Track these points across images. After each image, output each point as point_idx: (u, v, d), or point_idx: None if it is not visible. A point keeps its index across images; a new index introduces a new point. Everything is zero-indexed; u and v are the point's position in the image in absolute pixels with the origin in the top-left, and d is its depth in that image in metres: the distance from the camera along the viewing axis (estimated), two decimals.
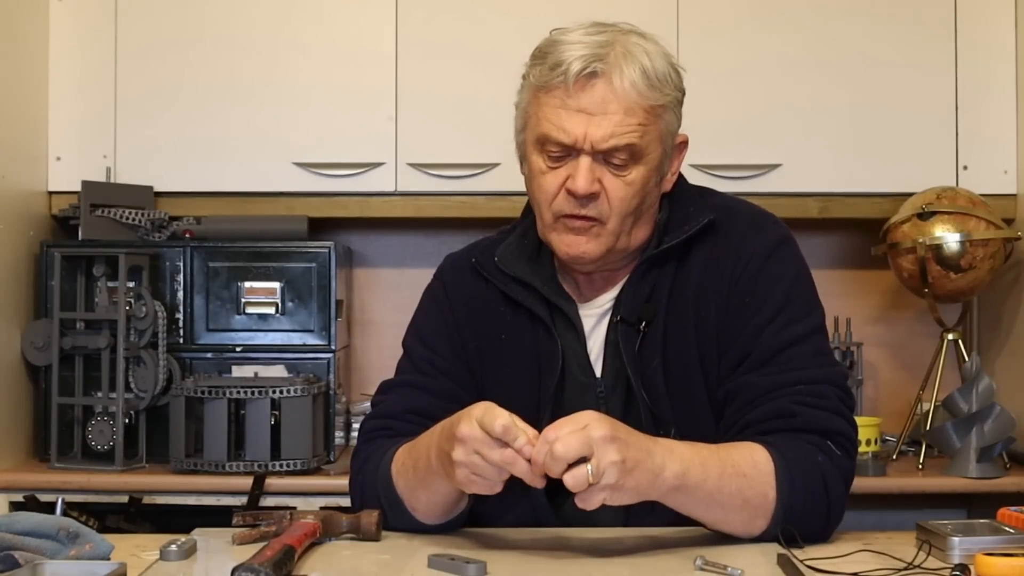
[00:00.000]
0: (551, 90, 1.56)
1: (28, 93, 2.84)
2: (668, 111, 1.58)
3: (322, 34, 2.91)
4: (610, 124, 1.53)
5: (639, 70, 1.54)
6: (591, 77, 1.53)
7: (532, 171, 1.61)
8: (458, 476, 1.40)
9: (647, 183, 1.58)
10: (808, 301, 1.61)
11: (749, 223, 1.64)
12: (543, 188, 1.59)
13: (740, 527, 1.48)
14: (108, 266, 2.76)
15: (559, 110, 1.55)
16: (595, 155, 1.55)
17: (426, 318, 1.74)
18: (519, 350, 1.65)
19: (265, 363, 2.79)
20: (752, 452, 1.48)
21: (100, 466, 2.66)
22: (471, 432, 1.37)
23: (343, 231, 3.16)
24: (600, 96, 1.54)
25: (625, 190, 1.56)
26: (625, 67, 1.54)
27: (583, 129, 1.53)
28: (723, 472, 1.44)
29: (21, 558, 1.27)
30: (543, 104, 1.57)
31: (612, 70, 1.53)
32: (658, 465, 1.40)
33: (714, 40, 2.89)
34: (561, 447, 1.32)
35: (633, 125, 1.54)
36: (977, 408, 2.62)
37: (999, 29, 2.89)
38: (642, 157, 1.56)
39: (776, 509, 1.46)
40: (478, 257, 1.71)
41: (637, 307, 1.61)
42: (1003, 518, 1.47)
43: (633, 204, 1.58)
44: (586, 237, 1.58)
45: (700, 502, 1.45)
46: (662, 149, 1.59)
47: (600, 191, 1.56)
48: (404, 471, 1.56)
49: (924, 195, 2.76)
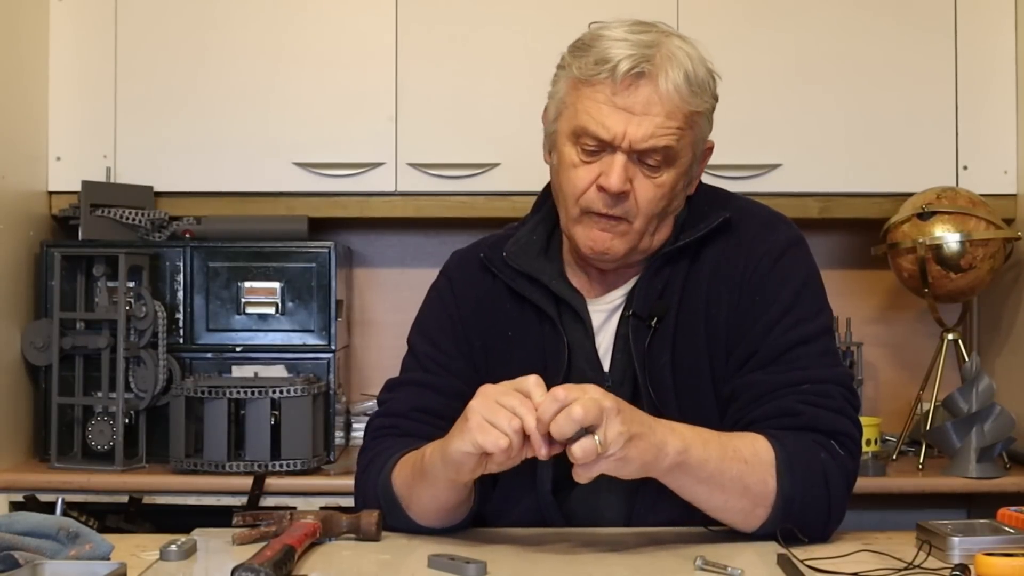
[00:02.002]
0: (595, 84, 1.56)
1: (28, 93, 2.84)
2: (703, 118, 1.60)
3: (322, 34, 2.91)
4: (651, 125, 1.54)
5: (683, 74, 1.55)
6: (638, 77, 1.54)
7: (563, 163, 1.61)
8: (471, 422, 1.38)
9: (676, 186, 1.59)
10: (817, 302, 1.62)
11: (762, 224, 1.65)
12: (573, 182, 1.59)
13: (740, 515, 1.48)
14: (108, 266, 2.76)
15: (602, 105, 1.55)
16: (630, 154, 1.55)
17: (432, 315, 1.74)
18: (525, 346, 1.65)
19: (265, 363, 2.79)
20: (753, 441, 1.49)
21: (100, 466, 2.66)
22: (492, 386, 1.40)
23: (343, 231, 3.16)
24: (645, 97, 1.54)
25: (654, 192, 1.57)
26: (670, 70, 1.55)
27: (623, 127, 1.54)
28: (724, 455, 1.45)
29: (21, 558, 1.27)
30: (584, 97, 1.57)
31: (659, 72, 1.54)
32: (660, 440, 1.40)
33: (714, 40, 2.83)
34: (580, 410, 1.33)
35: (672, 129, 1.55)
36: (977, 408, 2.62)
37: (999, 29, 2.89)
38: (675, 161, 1.57)
39: (776, 499, 1.46)
40: (486, 252, 1.71)
41: (649, 303, 1.61)
42: (1003, 518, 1.47)
43: (660, 206, 1.59)
44: (612, 235, 1.58)
45: (701, 483, 1.45)
46: (692, 154, 1.60)
47: (630, 191, 1.56)
48: (403, 470, 1.56)
49: (924, 195, 2.76)
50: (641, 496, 1.59)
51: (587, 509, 1.62)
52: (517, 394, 1.38)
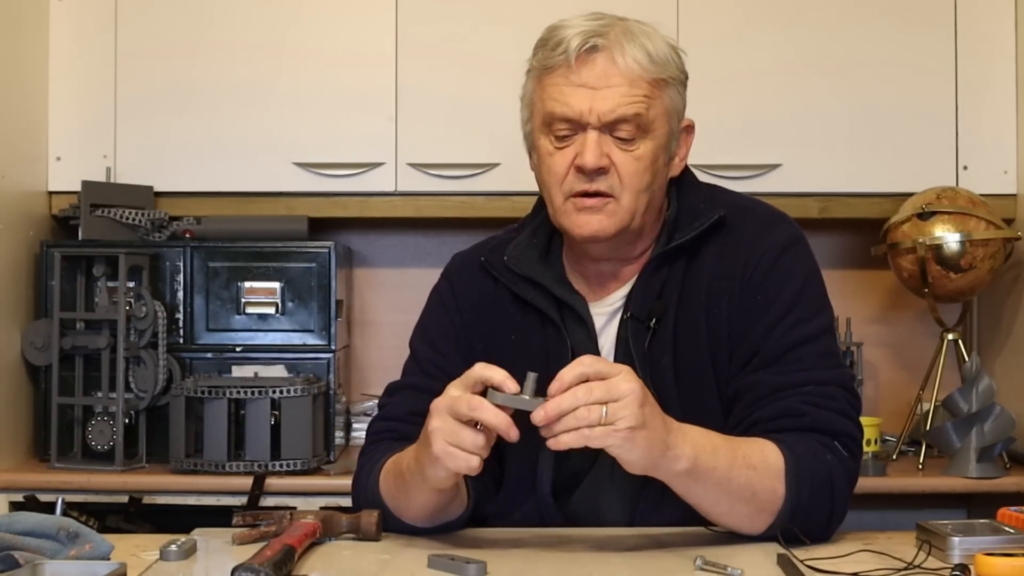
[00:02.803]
0: (553, 69, 1.57)
1: (28, 93, 2.84)
2: (671, 87, 1.59)
3: (322, 34, 2.91)
4: (615, 95, 1.54)
5: (639, 47, 1.56)
6: (591, 52, 1.55)
7: (540, 155, 1.61)
8: (435, 449, 1.38)
9: (656, 160, 1.58)
10: (818, 301, 1.61)
11: (761, 221, 1.64)
12: (552, 169, 1.59)
13: (746, 520, 1.48)
14: (108, 266, 2.76)
15: (562, 87, 1.56)
16: (601, 129, 1.55)
17: (433, 319, 1.74)
18: (528, 351, 1.64)
19: (265, 363, 2.79)
20: (763, 447, 1.48)
21: (100, 466, 2.66)
22: (440, 399, 1.39)
23: (343, 231, 3.15)
24: (601, 69, 1.55)
25: (635, 164, 1.56)
26: (626, 44, 1.55)
27: (588, 103, 1.54)
28: (733, 463, 1.44)
29: (21, 558, 1.27)
30: (547, 85, 1.58)
31: (613, 45, 1.55)
32: (672, 441, 1.40)
33: (714, 40, 2.89)
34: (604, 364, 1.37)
35: (639, 96, 1.55)
36: (977, 408, 2.62)
37: (999, 29, 2.89)
38: (649, 131, 1.57)
39: (784, 505, 1.46)
40: (487, 256, 1.71)
41: (647, 304, 1.61)
42: (1003, 518, 1.47)
43: (645, 180, 1.57)
44: (601, 215, 1.57)
45: (709, 490, 1.45)
46: (669, 127, 1.59)
47: (610, 166, 1.56)
48: (387, 479, 1.56)
49: (924, 195, 2.76)
50: (644, 500, 1.59)
51: (588, 512, 1.62)
52: (467, 397, 1.37)
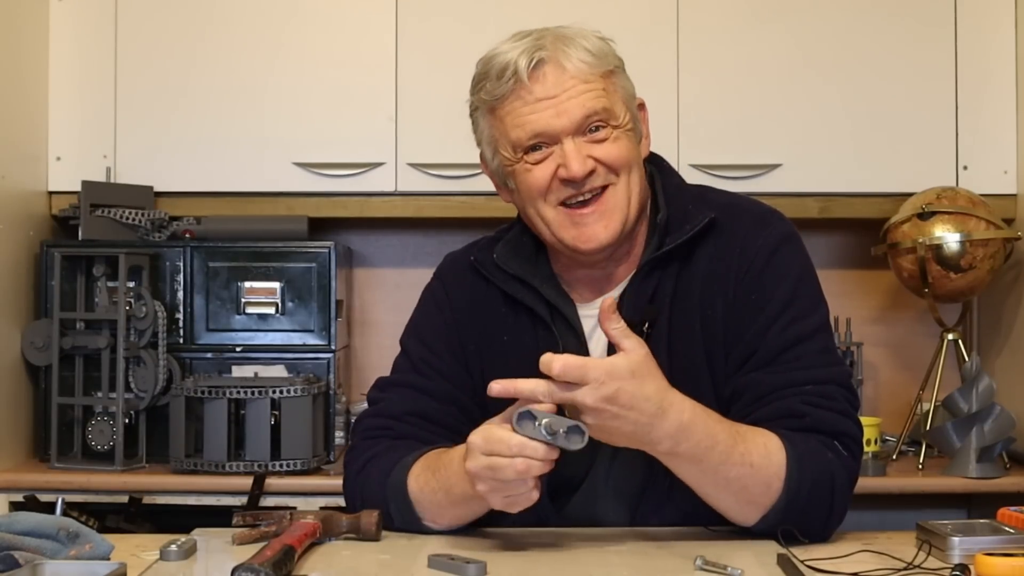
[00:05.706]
0: (505, 97, 1.58)
1: (28, 93, 2.84)
2: (618, 75, 1.61)
3: (322, 34, 2.91)
4: (576, 96, 1.55)
5: (579, 47, 1.57)
6: (540, 66, 1.56)
7: (519, 178, 1.61)
8: (492, 500, 1.41)
9: (631, 143, 1.60)
10: (813, 298, 1.61)
11: (753, 220, 1.63)
12: (534, 184, 1.58)
13: (733, 509, 1.49)
14: (108, 266, 2.76)
15: (521, 110, 1.57)
16: (575, 134, 1.56)
17: (425, 318, 1.74)
18: (521, 351, 1.63)
19: (265, 363, 2.79)
20: (767, 442, 1.48)
21: (100, 466, 2.66)
22: (482, 445, 1.39)
23: (343, 231, 3.16)
24: (554, 79, 1.56)
25: (617, 149, 1.58)
26: (567, 49, 1.57)
27: (554, 113, 1.55)
28: (728, 459, 1.44)
29: (21, 558, 1.27)
30: (504, 116, 1.59)
31: (557, 54, 1.56)
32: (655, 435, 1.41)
33: (714, 40, 2.89)
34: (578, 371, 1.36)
35: (597, 90, 1.57)
36: (977, 408, 2.62)
37: (999, 29, 2.89)
38: (617, 119, 1.58)
39: (778, 501, 1.46)
40: (477, 255, 1.71)
41: (640, 308, 1.60)
42: (1003, 518, 1.47)
43: (631, 159, 1.59)
44: (600, 223, 1.58)
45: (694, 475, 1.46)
46: (630, 112, 1.61)
47: (595, 166, 1.57)
48: (431, 491, 1.54)
49: (924, 195, 2.76)
50: (642, 504, 1.59)
51: (587, 515, 1.61)
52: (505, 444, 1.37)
